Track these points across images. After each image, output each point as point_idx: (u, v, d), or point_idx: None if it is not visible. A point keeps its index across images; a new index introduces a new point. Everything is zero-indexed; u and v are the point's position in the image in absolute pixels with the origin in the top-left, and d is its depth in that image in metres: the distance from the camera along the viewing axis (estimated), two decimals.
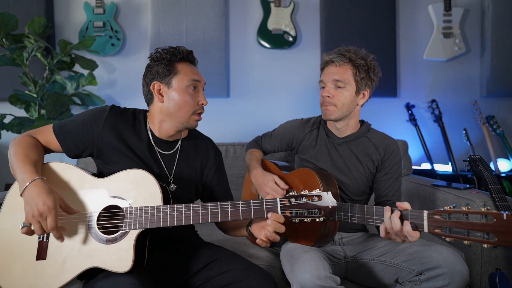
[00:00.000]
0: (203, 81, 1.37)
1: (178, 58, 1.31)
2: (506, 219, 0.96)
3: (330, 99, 1.48)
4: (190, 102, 1.30)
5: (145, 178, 1.20)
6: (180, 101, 1.30)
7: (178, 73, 1.30)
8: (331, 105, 1.49)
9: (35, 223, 1.10)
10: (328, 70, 1.51)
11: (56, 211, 1.10)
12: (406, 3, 2.92)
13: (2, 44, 2.35)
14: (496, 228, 0.98)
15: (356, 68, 1.47)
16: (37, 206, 1.08)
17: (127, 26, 2.84)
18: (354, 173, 1.53)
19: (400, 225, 1.12)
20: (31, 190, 1.11)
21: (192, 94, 1.31)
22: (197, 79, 1.32)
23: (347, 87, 1.47)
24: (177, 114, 1.31)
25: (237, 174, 2.26)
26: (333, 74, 1.48)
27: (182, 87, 1.30)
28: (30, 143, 1.25)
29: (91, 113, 1.33)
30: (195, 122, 1.35)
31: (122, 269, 1.12)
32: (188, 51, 1.35)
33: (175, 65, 1.30)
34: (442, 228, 1.07)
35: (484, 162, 1.70)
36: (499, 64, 2.79)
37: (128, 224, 1.16)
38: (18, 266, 1.15)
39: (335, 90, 1.48)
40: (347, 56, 1.47)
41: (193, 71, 1.33)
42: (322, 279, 1.21)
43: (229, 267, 1.27)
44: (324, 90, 1.51)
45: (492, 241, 0.98)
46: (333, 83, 1.48)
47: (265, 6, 2.81)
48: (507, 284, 1.46)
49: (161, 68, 1.29)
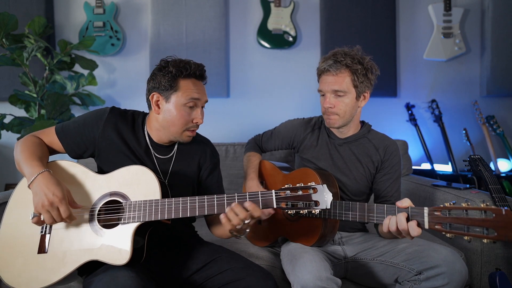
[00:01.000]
0: (204, 99, 1.34)
1: (184, 75, 1.29)
2: (505, 214, 0.98)
3: (332, 109, 1.47)
4: (184, 119, 1.30)
5: (145, 174, 1.24)
6: (175, 117, 1.29)
7: (179, 90, 1.28)
8: (333, 114, 1.48)
9: (45, 212, 1.13)
10: (325, 79, 1.47)
11: (66, 200, 1.15)
12: (406, 3, 2.93)
13: (2, 44, 2.35)
14: (496, 223, 1.00)
15: (353, 74, 1.44)
16: (47, 196, 1.12)
17: (127, 26, 2.84)
18: (354, 174, 1.54)
19: (406, 224, 1.16)
20: (40, 181, 1.15)
21: (189, 112, 1.30)
22: (197, 97, 1.30)
23: (347, 94, 1.45)
24: (170, 128, 1.32)
25: (237, 174, 2.26)
26: (331, 84, 1.45)
27: (180, 104, 1.29)
28: (35, 142, 1.30)
29: (92, 114, 1.36)
30: (187, 138, 1.34)
31: (120, 261, 1.14)
32: (197, 67, 1.31)
33: (178, 81, 1.28)
34: (442, 224, 1.09)
35: (484, 162, 1.70)
36: (499, 64, 2.79)
37: (127, 218, 1.19)
38: (20, 260, 1.19)
39: (335, 99, 1.46)
40: (343, 63, 1.43)
41: (195, 89, 1.30)
42: (324, 280, 1.21)
43: (229, 266, 1.28)
44: (325, 101, 1.48)
45: (492, 236, 1.00)
46: (332, 93, 1.46)
47: (265, 6, 2.81)
48: (507, 284, 1.46)
49: (164, 80, 1.28)
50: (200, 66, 1.33)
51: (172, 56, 1.34)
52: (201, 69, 1.33)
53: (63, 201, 1.13)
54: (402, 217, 1.18)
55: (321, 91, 1.51)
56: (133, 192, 1.22)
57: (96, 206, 1.23)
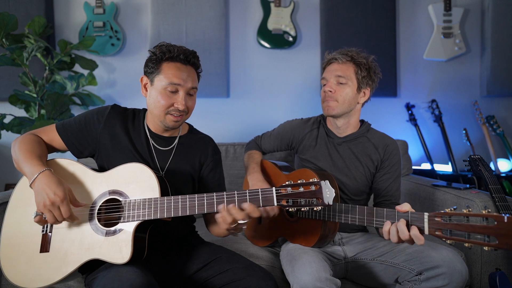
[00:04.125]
0: (189, 85, 1.30)
1: (166, 57, 1.29)
2: (507, 221, 0.95)
3: (332, 94, 1.50)
4: (164, 103, 1.29)
5: (143, 171, 1.23)
6: (155, 100, 1.30)
7: (161, 73, 1.29)
8: (332, 100, 1.50)
9: (47, 212, 1.13)
10: (330, 67, 1.54)
11: (68, 200, 1.14)
12: (406, 3, 2.92)
13: (2, 44, 2.35)
14: (497, 231, 0.97)
15: (358, 66, 1.50)
16: (48, 195, 1.12)
17: (127, 26, 2.84)
18: (354, 173, 1.54)
19: (408, 234, 1.12)
20: (41, 180, 1.15)
21: (170, 95, 1.29)
22: (177, 82, 1.28)
23: (348, 83, 1.49)
24: (153, 111, 1.33)
25: (237, 174, 2.26)
26: (335, 71, 1.51)
27: (161, 87, 1.29)
28: (33, 140, 1.29)
29: (94, 111, 1.38)
30: (172, 123, 1.32)
31: (121, 260, 1.14)
32: (182, 52, 1.30)
33: (161, 64, 1.29)
34: (442, 230, 1.06)
35: (484, 162, 1.70)
36: (499, 64, 2.78)
37: (126, 217, 1.19)
38: (22, 259, 1.20)
39: (337, 86, 1.50)
40: (349, 55, 1.51)
41: (177, 74, 1.28)
42: (323, 281, 1.21)
43: (229, 266, 1.28)
44: (326, 85, 1.53)
45: (493, 243, 0.97)
46: (335, 79, 1.50)
47: (265, 6, 2.81)
48: (507, 284, 1.45)
49: (150, 63, 1.31)
50: (187, 51, 1.31)
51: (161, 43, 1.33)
52: (187, 54, 1.30)
53: (65, 200, 1.13)
54: (402, 226, 1.13)
55: (324, 78, 1.55)
56: (132, 190, 1.23)
57: (95, 204, 1.23)
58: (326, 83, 1.54)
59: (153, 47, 1.33)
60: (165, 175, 1.35)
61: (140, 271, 1.12)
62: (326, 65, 1.58)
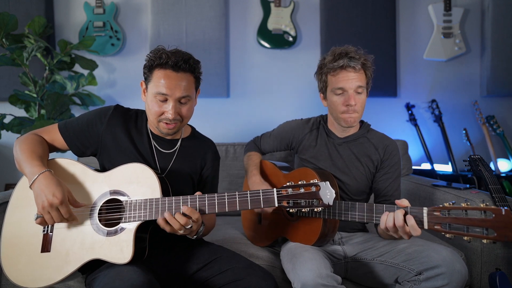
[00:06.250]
0: (177, 95, 1.25)
1: (156, 64, 1.26)
2: (504, 214, 0.98)
3: (355, 106, 1.45)
4: (155, 110, 1.28)
5: (144, 171, 1.24)
6: (148, 106, 1.31)
7: (152, 81, 1.28)
8: (355, 112, 1.46)
9: (46, 213, 1.14)
10: (347, 75, 1.43)
11: (67, 201, 1.15)
12: (406, 3, 2.93)
13: (2, 44, 2.35)
14: (495, 224, 0.99)
15: (368, 71, 1.48)
16: (47, 197, 1.12)
17: (127, 26, 2.84)
18: (354, 173, 1.54)
19: (403, 221, 1.17)
20: (41, 182, 1.15)
21: (159, 104, 1.28)
22: (164, 92, 1.24)
23: (364, 91, 1.48)
24: (149, 117, 1.33)
25: (237, 174, 2.26)
26: (355, 80, 1.44)
27: (151, 95, 1.29)
28: (35, 140, 1.29)
29: (96, 111, 1.38)
30: (166, 130, 1.32)
31: (122, 260, 1.15)
32: (173, 58, 1.23)
33: (153, 71, 1.28)
34: (441, 224, 1.09)
35: (484, 162, 1.70)
36: (499, 64, 2.78)
37: (128, 217, 1.20)
38: (24, 259, 1.20)
39: (356, 96, 1.45)
40: (360, 60, 1.44)
41: (165, 83, 1.24)
42: (324, 277, 1.21)
43: (229, 266, 1.28)
44: (350, 98, 1.43)
45: (491, 236, 1.00)
46: (356, 90, 1.44)
47: (265, 6, 2.81)
48: (507, 284, 1.45)
49: (145, 69, 1.31)
50: (179, 56, 1.24)
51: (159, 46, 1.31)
52: (178, 60, 1.23)
53: (63, 202, 1.13)
54: (399, 214, 1.19)
55: (341, 88, 1.45)
56: (133, 190, 1.23)
57: (96, 204, 1.23)
58: (342, 92, 1.45)
59: (151, 50, 1.32)
60: (166, 176, 1.35)
61: (141, 270, 1.13)
62: (337, 71, 1.44)
